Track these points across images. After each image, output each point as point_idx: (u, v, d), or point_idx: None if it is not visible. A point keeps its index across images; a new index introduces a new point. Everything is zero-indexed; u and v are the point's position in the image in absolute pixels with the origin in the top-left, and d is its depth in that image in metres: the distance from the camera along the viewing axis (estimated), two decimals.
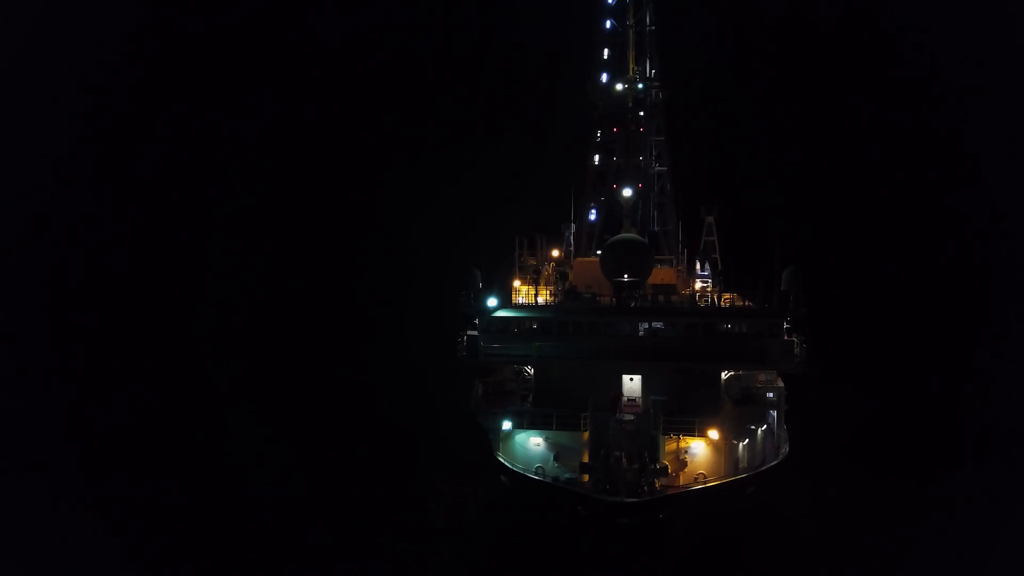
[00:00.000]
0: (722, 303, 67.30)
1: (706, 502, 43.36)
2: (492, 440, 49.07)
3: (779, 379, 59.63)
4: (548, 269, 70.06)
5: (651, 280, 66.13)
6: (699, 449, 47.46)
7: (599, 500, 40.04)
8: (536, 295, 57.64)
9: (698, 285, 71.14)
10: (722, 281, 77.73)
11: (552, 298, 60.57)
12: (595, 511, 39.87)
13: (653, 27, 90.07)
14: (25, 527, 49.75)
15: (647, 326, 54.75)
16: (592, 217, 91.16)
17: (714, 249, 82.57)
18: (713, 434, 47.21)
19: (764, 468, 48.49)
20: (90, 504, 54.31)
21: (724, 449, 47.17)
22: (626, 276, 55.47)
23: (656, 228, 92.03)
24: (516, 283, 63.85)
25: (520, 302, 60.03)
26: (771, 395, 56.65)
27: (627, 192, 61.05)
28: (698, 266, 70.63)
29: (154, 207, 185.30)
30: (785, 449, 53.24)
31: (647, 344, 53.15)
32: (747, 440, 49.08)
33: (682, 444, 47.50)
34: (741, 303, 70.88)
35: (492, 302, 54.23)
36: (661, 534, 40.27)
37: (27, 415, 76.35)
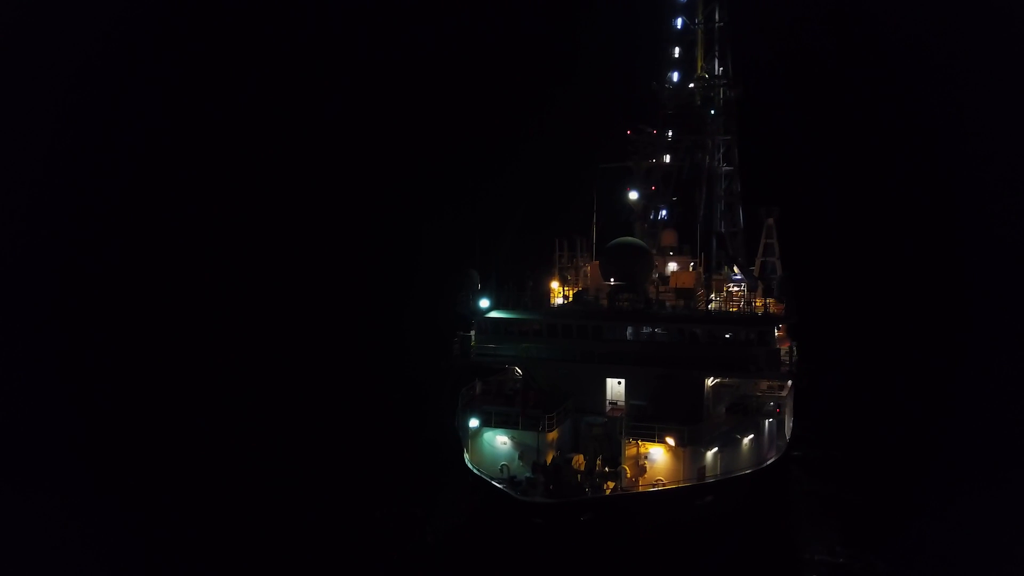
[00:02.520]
0: (755, 309, 65.98)
1: (641, 507, 43.29)
2: (462, 437, 50.75)
3: (784, 388, 57.73)
4: (588, 269, 70.59)
5: (673, 283, 65.75)
6: (658, 455, 47.23)
7: (515, 500, 41.15)
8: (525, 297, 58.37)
9: (733, 289, 69.68)
10: (759, 285, 75.44)
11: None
12: (513, 510, 41.06)
13: (721, 23, 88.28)
14: (24, 531, 50.03)
15: (644, 330, 54.57)
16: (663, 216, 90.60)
17: (774, 252, 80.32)
18: (670, 440, 46.85)
19: (726, 477, 47.44)
20: (88, 503, 54.97)
21: (683, 456, 46.68)
22: (612, 280, 55.61)
23: (723, 230, 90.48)
24: (554, 284, 65.02)
25: (559, 303, 61.39)
26: (772, 404, 54.84)
27: (633, 195, 60.73)
28: (729, 269, 68.96)
29: (157, 207, 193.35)
30: (772, 459, 51.69)
31: (631, 349, 53.12)
32: (717, 448, 48.19)
33: (642, 449, 47.45)
34: (776, 310, 68.84)
35: (484, 303, 55.78)
36: (587, 536, 40.84)
37: (27, 416, 76.03)
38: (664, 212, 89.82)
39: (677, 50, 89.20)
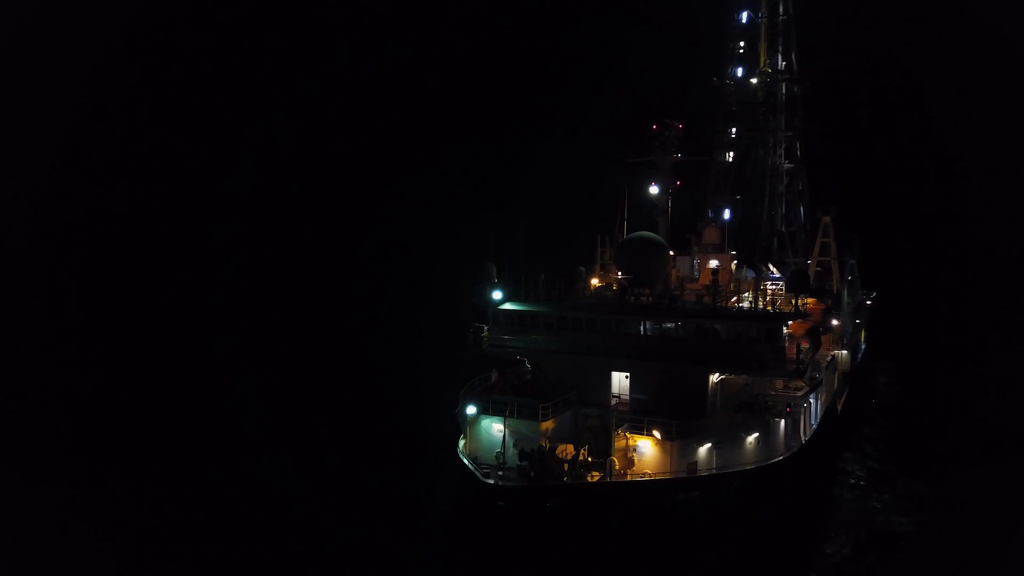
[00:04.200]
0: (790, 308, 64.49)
1: (615, 497, 43.17)
2: (461, 425, 51.65)
3: (802, 387, 55.92)
4: None
5: (704, 280, 64.98)
6: (646, 448, 46.96)
7: (480, 483, 41.99)
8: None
9: (771, 288, 68.17)
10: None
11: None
12: (479, 493, 41.96)
13: (785, 16, 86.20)
14: (24, 527, 49.30)
15: (657, 325, 54.16)
16: (727, 216, 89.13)
17: (829, 252, 77.83)
18: (656, 434, 46.52)
19: (719, 473, 46.59)
20: (87, 502, 54.21)
21: (671, 450, 46.25)
22: (619, 274, 55.47)
23: (783, 228, 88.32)
24: (595, 281, 65.38)
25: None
26: (783, 403, 53.19)
27: (654, 190, 60.07)
28: (765, 268, 67.63)
29: (173, 203, 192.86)
30: (779, 458, 50.30)
31: (636, 343, 52.82)
32: (711, 444, 47.39)
33: (630, 442, 47.29)
34: (813, 308, 66.86)
35: (497, 295, 56.52)
36: (554, 521, 41.24)
37: (27, 414, 74.98)
38: (728, 211, 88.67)
39: (741, 45, 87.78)
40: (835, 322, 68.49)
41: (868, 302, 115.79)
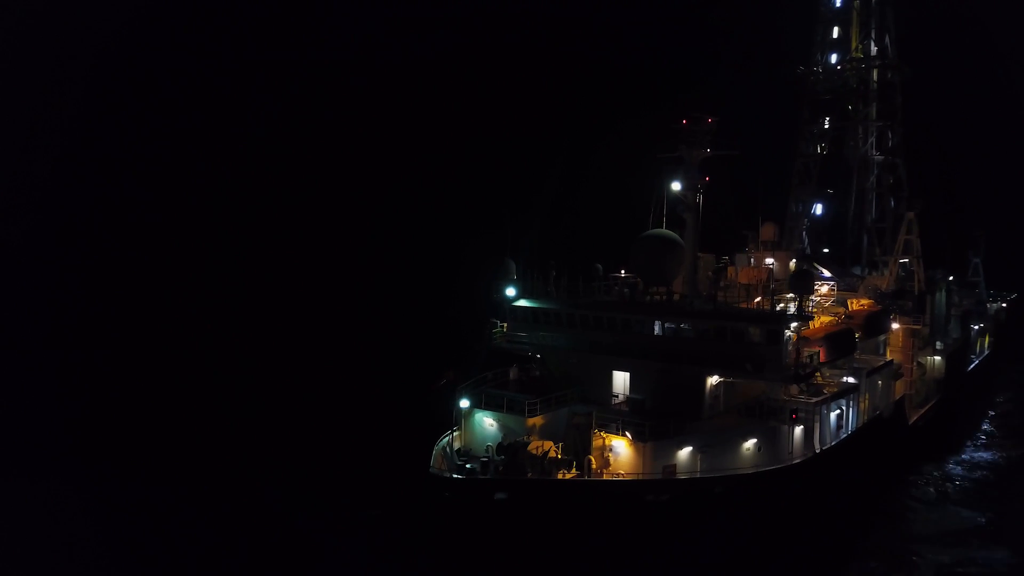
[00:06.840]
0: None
1: (568, 495, 42.58)
2: (456, 417, 52.24)
3: (820, 395, 52.30)
4: None
5: (742, 279, 62.41)
6: (621, 448, 45.96)
7: (432, 474, 42.68)
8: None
9: (824, 289, 64.20)
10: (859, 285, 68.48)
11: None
12: (430, 484, 42.70)
13: None
14: (24, 527, 49.39)
15: (668, 325, 52.78)
16: (817, 211, 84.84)
17: (913, 250, 72.18)
18: (628, 434, 45.41)
19: (685, 477, 44.80)
20: (87, 502, 54.21)
21: (644, 451, 45.03)
22: (622, 272, 54.15)
23: (872, 224, 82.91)
24: None
25: None
26: (792, 410, 50.11)
27: (676, 186, 57.61)
28: (809, 267, 63.71)
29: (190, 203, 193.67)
30: (775, 466, 47.64)
31: (636, 342, 51.64)
32: (693, 447, 45.68)
33: (606, 442, 46.44)
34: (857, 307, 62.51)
35: (511, 291, 56.77)
36: (500, 515, 41.45)
37: (26, 413, 74.85)
38: (819, 206, 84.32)
39: (836, 31, 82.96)
40: (895, 325, 63.30)
41: (1003, 304, 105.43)
